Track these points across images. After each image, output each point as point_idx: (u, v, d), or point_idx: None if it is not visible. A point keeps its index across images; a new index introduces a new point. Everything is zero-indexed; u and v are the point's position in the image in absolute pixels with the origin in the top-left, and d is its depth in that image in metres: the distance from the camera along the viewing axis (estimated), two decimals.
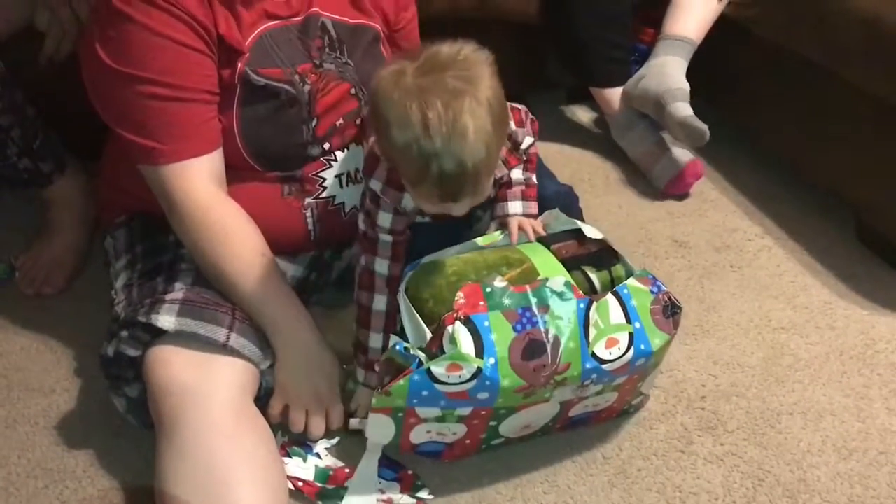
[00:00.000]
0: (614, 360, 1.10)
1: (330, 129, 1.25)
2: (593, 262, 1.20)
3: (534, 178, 1.26)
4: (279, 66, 1.19)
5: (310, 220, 1.28)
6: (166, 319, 1.08)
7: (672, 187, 1.76)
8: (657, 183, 1.78)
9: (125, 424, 1.18)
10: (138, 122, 1.13)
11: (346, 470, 1.16)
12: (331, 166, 1.27)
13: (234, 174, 1.21)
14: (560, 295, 1.08)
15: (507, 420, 1.12)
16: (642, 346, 1.12)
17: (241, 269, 1.14)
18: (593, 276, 1.19)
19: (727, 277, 1.56)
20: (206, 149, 1.15)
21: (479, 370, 1.04)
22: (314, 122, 1.23)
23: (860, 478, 1.19)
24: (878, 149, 1.53)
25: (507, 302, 1.07)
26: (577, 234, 1.23)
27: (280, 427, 1.19)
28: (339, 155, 1.28)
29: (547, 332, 1.06)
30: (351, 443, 1.21)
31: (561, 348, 1.06)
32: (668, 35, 1.76)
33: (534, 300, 1.08)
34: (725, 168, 1.83)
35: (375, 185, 1.13)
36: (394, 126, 0.98)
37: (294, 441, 1.19)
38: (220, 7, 1.14)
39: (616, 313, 1.12)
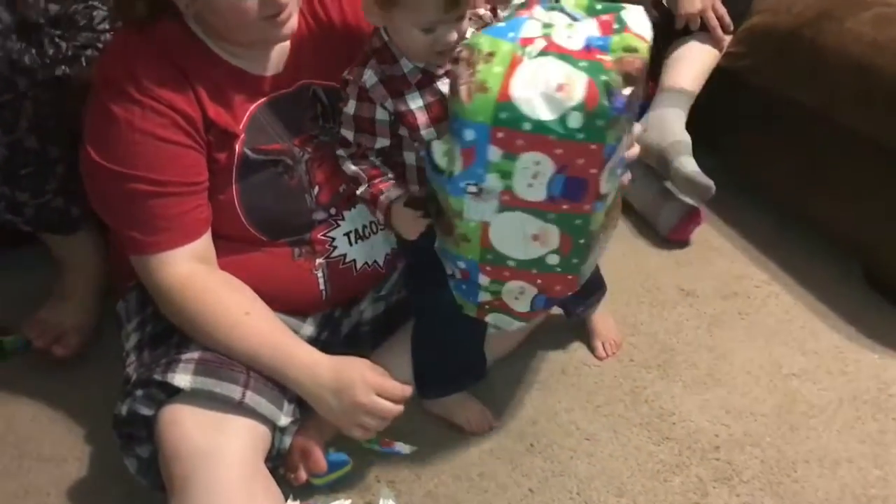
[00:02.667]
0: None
1: (334, 197, 1.26)
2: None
3: None
4: (276, 141, 1.21)
5: (321, 280, 1.29)
6: (182, 378, 1.09)
7: (674, 234, 1.77)
8: (661, 231, 1.79)
9: (137, 491, 1.17)
10: (122, 215, 1.17)
11: None
12: (338, 225, 1.29)
13: (241, 246, 1.23)
14: None
15: None
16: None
17: (228, 332, 1.15)
18: None
19: (736, 325, 1.56)
20: (186, 240, 1.17)
21: None
22: (316, 190, 1.25)
23: None
24: (879, 192, 1.54)
25: None
26: None
27: (292, 490, 1.18)
28: (347, 214, 1.29)
29: None
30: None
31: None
32: (667, 87, 1.79)
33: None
34: (729, 215, 1.84)
35: (370, 78, 1.15)
36: None
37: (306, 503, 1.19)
38: (207, 93, 1.16)
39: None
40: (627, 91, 1.00)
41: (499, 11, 1.17)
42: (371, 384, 1.15)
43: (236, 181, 1.19)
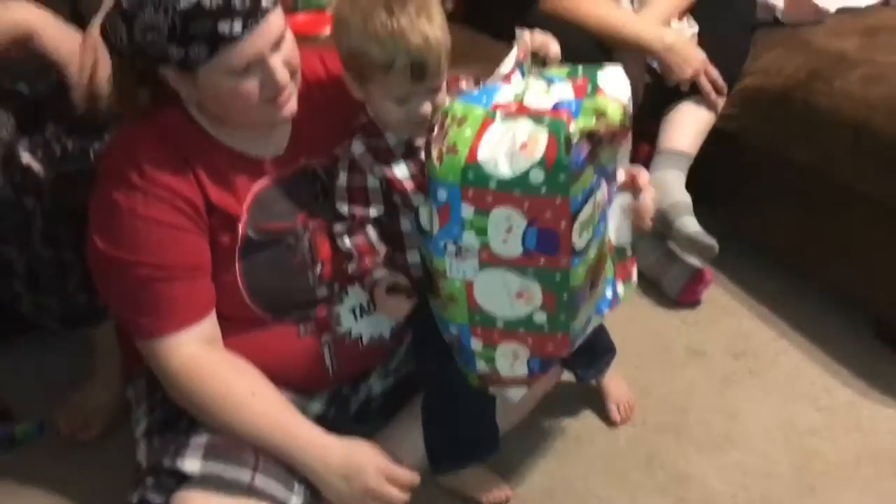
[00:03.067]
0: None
1: (337, 273, 1.28)
2: None
3: None
4: (279, 220, 1.23)
5: (327, 357, 1.29)
6: (192, 463, 1.09)
7: (683, 296, 1.78)
8: (669, 292, 1.80)
9: None
10: (128, 301, 1.18)
11: None
12: (342, 301, 1.30)
13: (245, 325, 1.23)
14: None
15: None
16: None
17: (234, 415, 1.16)
18: None
19: (747, 384, 1.55)
20: (191, 322, 1.17)
21: None
22: (319, 268, 1.26)
23: None
24: (881, 246, 1.55)
25: None
26: None
27: None
28: (351, 289, 1.30)
29: None
30: None
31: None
32: (664, 149, 1.81)
33: None
34: (735, 274, 1.85)
35: (357, 147, 1.20)
36: (359, 22, 1.10)
37: None
38: (208, 177, 1.18)
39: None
40: (587, 146, 1.03)
41: (481, 84, 1.20)
42: (381, 470, 1.16)
43: (239, 262, 1.21)
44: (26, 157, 1.33)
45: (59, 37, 1.33)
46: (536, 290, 1.10)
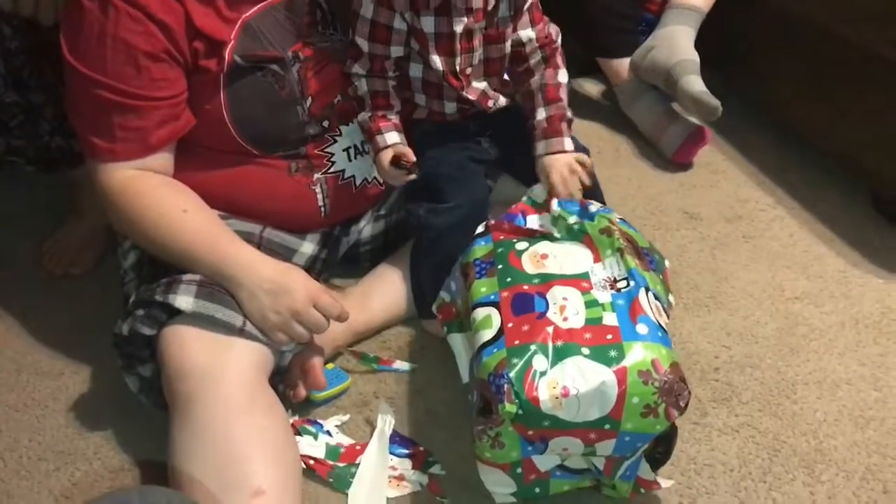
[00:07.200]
0: None
1: (327, 108, 1.23)
2: None
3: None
4: (269, 49, 1.17)
5: (320, 196, 1.26)
6: (184, 300, 1.07)
7: (679, 155, 1.74)
8: (666, 151, 1.76)
9: (136, 406, 1.17)
10: (85, 118, 1.13)
11: (357, 447, 1.16)
12: (335, 141, 1.26)
13: (236, 159, 1.20)
14: None
15: None
16: None
17: (164, 231, 1.12)
18: None
19: (739, 248, 1.54)
20: (141, 154, 1.13)
21: None
22: (308, 102, 1.21)
23: (877, 447, 1.18)
24: (889, 114, 1.50)
25: None
26: None
27: (291, 406, 1.18)
28: (344, 129, 1.26)
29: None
30: (362, 420, 1.21)
31: None
32: (676, 4, 1.73)
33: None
34: (736, 138, 1.81)
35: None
36: None
37: (305, 419, 1.19)
38: (194, 0, 1.11)
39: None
40: None
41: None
42: (310, 294, 1.11)
43: (224, 89, 1.15)
44: None
45: None
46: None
